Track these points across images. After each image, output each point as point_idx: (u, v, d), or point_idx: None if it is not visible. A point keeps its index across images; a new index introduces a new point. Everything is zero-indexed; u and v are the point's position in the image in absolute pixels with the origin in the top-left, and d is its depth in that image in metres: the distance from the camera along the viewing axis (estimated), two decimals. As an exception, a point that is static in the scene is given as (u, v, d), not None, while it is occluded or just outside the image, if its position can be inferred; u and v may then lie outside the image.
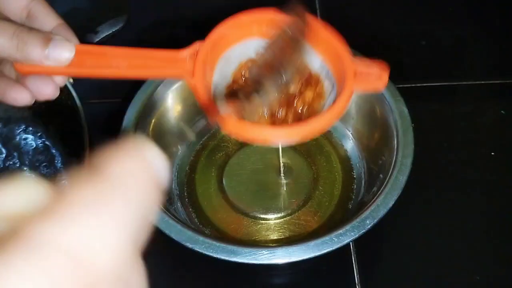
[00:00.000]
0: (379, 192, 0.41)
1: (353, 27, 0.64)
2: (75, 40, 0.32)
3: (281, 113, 0.34)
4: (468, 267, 0.44)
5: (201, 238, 0.38)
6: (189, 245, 0.37)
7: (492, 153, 0.51)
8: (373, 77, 0.33)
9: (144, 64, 0.33)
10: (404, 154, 0.42)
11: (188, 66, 0.33)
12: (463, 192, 0.49)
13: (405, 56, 0.60)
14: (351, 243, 0.45)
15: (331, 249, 0.37)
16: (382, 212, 0.39)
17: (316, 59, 0.35)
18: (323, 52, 0.35)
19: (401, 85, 0.54)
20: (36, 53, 0.29)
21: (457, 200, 0.48)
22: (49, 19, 0.32)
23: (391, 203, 0.40)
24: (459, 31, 0.62)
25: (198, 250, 0.37)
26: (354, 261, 0.45)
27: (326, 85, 0.35)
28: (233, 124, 0.31)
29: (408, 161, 0.42)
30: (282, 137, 0.33)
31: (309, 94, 0.35)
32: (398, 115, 0.45)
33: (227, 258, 0.37)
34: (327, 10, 0.65)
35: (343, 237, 0.38)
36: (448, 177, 0.50)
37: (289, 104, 0.35)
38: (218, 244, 0.37)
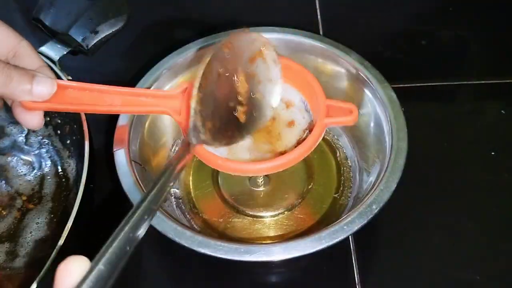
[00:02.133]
0: (379, 178, 0.41)
1: (353, 27, 0.64)
2: (54, 78, 0.35)
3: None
4: (468, 267, 0.44)
5: (198, 237, 0.38)
6: (186, 244, 0.37)
7: (492, 153, 0.51)
8: (344, 111, 0.36)
9: (136, 101, 0.36)
10: (399, 137, 0.43)
11: (175, 105, 0.37)
12: (463, 192, 0.49)
13: (405, 56, 0.60)
14: (351, 241, 0.46)
15: (342, 237, 0.37)
16: (386, 196, 0.39)
17: (296, 95, 0.39)
18: (301, 89, 0.39)
19: (400, 85, 0.54)
20: (21, 88, 0.32)
21: (457, 200, 0.48)
22: (33, 60, 0.35)
23: (393, 186, 0.40)
24: (459, 31, 0.62)
25: (195, 249, 0.37)
26: (354, 260, 0.45)
27: (302, 116, 0.39)
28: (204, 156, 0.35)
29: (404, 144, 0.42)
30: (253, 170, 0.36)
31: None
32: (387, 100, 0.45)
33: (224, 257, 0.37)
34: (327, 10, 0.65)
35: (352, 224, 0.38)
36: (448, 177, 0.50)
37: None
38: (215, 242, 0.37)
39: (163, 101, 0.37)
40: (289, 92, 0.40)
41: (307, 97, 0.39)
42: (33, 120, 0.34)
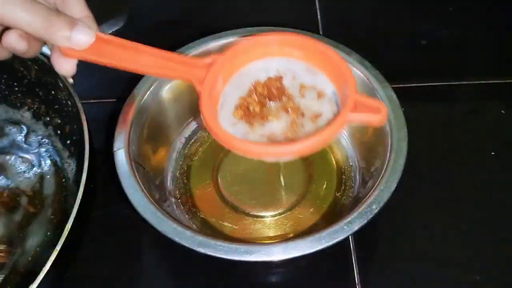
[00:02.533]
0: (379, 178, 0.41)
1: (353, 27, 0.64)
2: (97, 29, 0.36)
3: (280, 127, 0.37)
4: (468, 267, 0.44)
5: (198, 237, 0.38)
6: (186, 244, 0.37)
7: (492, 153, 0.51)
8: (373, 109, 0.34)
9: (166, 65, 0.36)
10: (399, 137, 0.43)
11: (200, 74, 0.36)
12: (463, 192, 0.49)
13: (405, 56, 0.60)
14: (351, 241, 0.46)
15: (342, 237, 0.37)
16: (386, 196, 0.39)
17: (329, 86, 0.38)
18: (334, 80, 0.38)
19: (401, 85, 0.54)
20: (61, 34, 0.33)
21: (457, 200, 0.48)
22: (80, 9, 0.36)
23: (393, 186, 0.40)
24: (459, 31, 0.62)
25: (195, 249, 0.37)
26: (354, 260, 0.45)
27: (331, 109, 0.37)
28: (221, 136, 0.34)
29: (404, 144, 0.42)
30: (267, 154, 0.35)
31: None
32: (387, 100, 0.45)
33: (224, 257, 0.37)
34: (327, 10, 0.65)
35: (352, 224, 0.38)
36: (448, 177, 0.50)
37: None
38: (215, 242, 0.37)
39: (190, 69, 0.37)
40: (323, 82, 0.38)
41: (338, 89, 0.37)
42: (67, 66, 0.35)
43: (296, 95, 0.38)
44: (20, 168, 0.50)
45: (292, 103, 0.37)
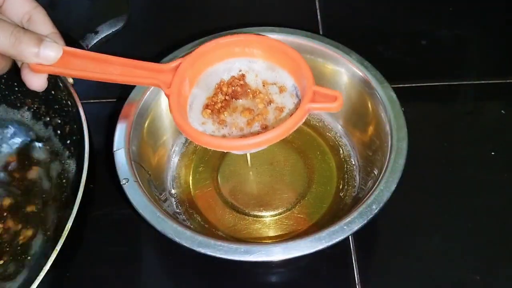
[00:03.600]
0: (379, 178, 0.41)
1: (353, 27, 0.64)
2: (63, 44, 0.37)
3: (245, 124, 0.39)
4: (468, 267, 0.44)
5: (198, 237, 0.38)
6: (186, 244, 0.37)
7: (492, 153, 0.51)
8: (330, 98, 0.36)
9: (133, 73, 0.38)
10: (399, 137, 0.43)
11: (167, 78, 0.39)
12: (463, 192, 0.49)
13: (405, 56, 0.60)
14: (351, 241, 0.46)
15: (342, 237, 0.37)
16: (386, 196, 0.39)
17: (289, 80, 0.40)
18: (293, 74, 0.40)
19: (401, 85, 0.54)
20: (29, 51, 0.34)
21: (457, 200, 0.48)
22: (46, 27, 0.37)
23: (393, 186, 0.40)
24: (459, 31, 0.62)
25: (195, 249, 0.37)
26: (354, 260, 0.45)
27: (292, 101, 0.40)
28: (191, 133, 0.37)
29: (404, 144, 0.42)
30: (236, 146, 0.37)
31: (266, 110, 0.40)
32: (387, 100, 0.45)
33: (224, 257, 0.37)
34: (327, 10, 0.65)
35: (352, 224, 0.38)
36: (448, 177, 0.50)
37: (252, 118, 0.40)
38: (215, 242, 0.37)
39: (156, 74, 0.39)
40: (283, 77, 0.41)
41: (298, 82, 0.40)
42: (38, 82, 0.37)
43: (259, 90, 0.40)
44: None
45: (256, 98, 0.40)
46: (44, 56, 0.35)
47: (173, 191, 0.49)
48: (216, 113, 0.39)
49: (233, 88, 0.40)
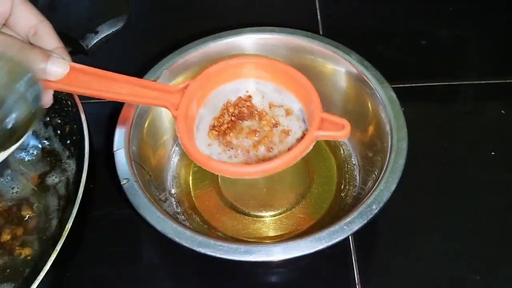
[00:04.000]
0: (379, 178, 0.41)
1: (353, 27, 0.64)
2: (70, 60, 0.37)
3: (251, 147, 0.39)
4: (468, 267, 0.44)
5: (198, 237, 0.38)
6: (186, 244, 0.38)
7: (492, 153, 0.51)
8: (337, 126, 0.36)
9: (140, 93, 0.38)
10: (399, 137, 0.43)
11: (175, 99, 0.38)
12: (463, 192, 0.49)
13: (405, 56, 0.60)
14: (351, 241, 0.46)
15: (342, 237, 0.37)
16: (386, 196, 0.39)
17: (297, 104, 0.40)
18: (300, 98, 0.40)
19: (401, 85, 0.54)
20: (36, 66, 0.34)
21: (457, 200, 0.48)
22: (52, 41, 0.37)
23: (393, 186, 0.40)
24: (459, 31, 0.62)
25: (195, 249, 0.37)
26: (354, 260, 0.45)
27: (299, 125, 0.40)
28: (198, 157, 0.36)
29: (404, 144, 0.42)
30: (242, 173, 0.37)
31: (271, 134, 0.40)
32: (387, 100, 0.45)
33: (224, 257, 0.37)
34: (327, 10, 0.65)
35: (352, 224, 0.38)
36: (448, 177, 0.50)
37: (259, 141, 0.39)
38: (215, 242, 0.37)
39: (164, 95, 0.38)
40: (290, 100, 0.40)
41: (305, 107, 0.40)
42: (44, 98, 0.36)
43: (266, 112, 0.40)
44: (21, 168, 0.50)
45: (263, 120, 0.40)
46: (51, 72, 0.35)
47: (173, 191, 0.49)
48: (222, 135, 0.39)
49: (239, 109, 0.40)
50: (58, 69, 0.35)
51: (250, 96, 0.41)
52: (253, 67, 0.40)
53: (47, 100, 0.36)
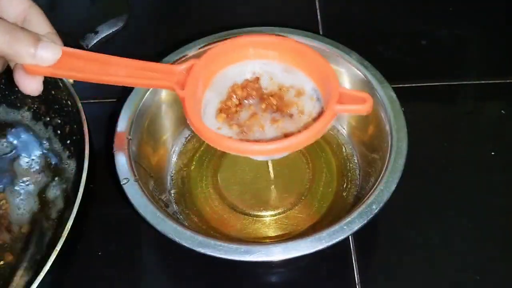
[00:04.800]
0: (379, 178, 0.41)
1: (353, 27, 0.64)
2: (61, 45, 0.34)
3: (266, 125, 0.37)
4: (468, 267, 0.44)
5: (198, 237, 0.38)
6: (186, 244, 0.37)
7: (492, 153, 0.51)
8: (358, 101, 0.34)
9: (141, 74, 0.35)
10: (399, 137, 0.43)
11: (180, 79, 0.36)
12: (463, 192, 0.49)
13: (405, 56, 0.60)
14: (351, 241, 0.46)
15: (342, 237, 0.37)
16: (386, 196, 0.39)
17: (308, 83, 0.38)
18: (313, 76, 0.38)
19: (401, 85, 0.54)
20: (25, 50, 0.32)
21: (457, 200, 0.48)
22: (42, 26, 0.35)
23: (393, 186, 0.40)
24: (459, 31, 0.62)
25: (195, 249, 0.37)
26: (354, 260, 0.45)
27: (313, 105, 0.38)
28: (211, 136, 0.35)
29: (404, 144, 0.42)
30: (259, 151, 0.35)
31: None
32: (387, 100, 0.45)
33: (224, 257, 0.37)
34: (327, 10, 0.65)
35: (352, 224, 0.38)
36: (448, 177, 0.50)
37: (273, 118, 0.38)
38: (215, 242, 0.37)
39: (167, 75, 0.36)
40: (301, 80, 0.38)
41: (319, 85, 0.38)
42: (32, 85, 0.34)
43: (275, 94, 0.38)
44: (22, 168, 0.51)
45: (272, 103, 0.38)
46: (41, 57, 0.32)
47: (172, 191, 0.49)
48: (231, 118, 0.37)
49: (247, 91, 0.38)
50: (48, 54, 0.32)
51: (257, 78, 0.39)
52: (259, 46, 0.39)
53: (36, 87, 0.34)
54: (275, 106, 0.38)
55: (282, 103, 0.38)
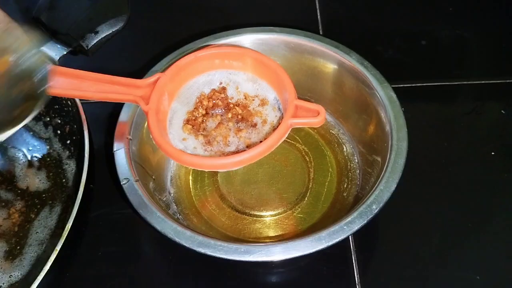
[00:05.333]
0: (379, 178, 0.41)
1: (353, 27, 0.64)
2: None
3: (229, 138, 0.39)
4: (468, 267, 0.44)
5: (198, 237, 0.38)
6: (186, 244, 0.38)
7: (492, 153, 0.51)
8: (312, 112, 0.36)
9: (109, 89, 0.37)
10: (399, 137, 0.43)
11: (145, 93, 0.37)
12: (463, 192, 0.49)
13: (405, 56, 0.60)
14: (351, 241, 0.46)
15: (342, 237, 0.37)
16: (386, 196, 0.39)
17: (271, 93, 0.40)
18: (275, 87, 0.40)
19: (401, 85, 0.54)
20: None
21: (457, 200, 0.48)
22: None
23: (393, 186, 0.40)
24: (459, 31, 0.62)
25: (195, 249, 0.37)
26: (354, 260, 0.45)
27: (275, 114, 0.39)
28: (171, 152, 0.36)
29: (404, 144, 0.42)
30: (217, 166, 0.36)
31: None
32: (387, 100, 0.45)
33: (224, 257, 0.37)
34: (327, 10, 0.65)
35: (352, 224, 0.38)
36: (448, 177, 0.50)
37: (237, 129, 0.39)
38: (215, 242, 0.37)
39: (133, 89, 0.37)
40: (265, 90, 0.40)
41: (279, 95, 0.39)
42: None
43: (241, 104, 0.39)
44: (21, 169, 0.51)
45: (237, 112, 0.39)
46: None
47: (172, 191, 0.49)
48: (197, 128, 0.38)
49: (213, 101, 0.39)
50: None
51: (224, 88, 0.40)
52: (224, 58, 0.40)
53: None
54: (240, 116, 0.39)
55: (247, 112, 0.39)
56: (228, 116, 0.39)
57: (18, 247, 0.45)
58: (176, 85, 0.39)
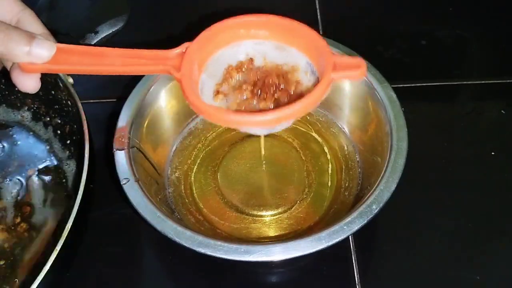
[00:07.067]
0: (379, 178, 0.41)
1: (353, 27, 0.64)
2: (55, 42, 0.35)
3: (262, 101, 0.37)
4: (468, 267, 0.44)
5: (198, 237, 0.38)
6: (186, 244, 0.37)
7: (492, 153, 0.51)
8: (352, 67, 0.35)
9: (136, 62, 0.36)
10: (399, 137, 0.43)
11: (175, 63, 0.36)
12: (463, 192, 0.49)
13: (405, 56, 0.60)
14: (351, 241, 0.46)
15: (342, 237, 0.37)
16: (386, 196, 0.39)
17: (302, 58, 0.38)
18: (305, 50, 0.38)
19: (401, 85, 0.54)
20: (20, 49, 0.32)
21: (457, 200, 0.48)
22: (35, 27, 0.35)
23: (393, 186, 0.40)
24: (459, 31, 0.62)
25: (195, 249, 0.37)
26: (354, 260, 0.45)
27: (308, 79, 0.38)
28: (212, 112, 0.34)
29: (404, 144, 0.42)
30: (259, 122, 0.34)
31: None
32: (387, 100, 0.45)
33: (224, 257, 0.37)
34: (327, 10, 0.65)
35: (352, 224, 0.38)
36: (448, 177, 0.50)
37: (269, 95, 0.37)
38: (215, 242, 0.37)
39: (162, 61, 0.36)
40: (294, 56, 0.39)
41: (312, 58, 0.38)
42: (30, 83, 0.34)
43: (271, 72, 0.38)
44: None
45: (268, 81, 0.37)
46: (36, 54, 0.33)
47: (172, 191, 0.49)
48: (229, 99, 0.37)
49: (242, 73, 0.38)
50: (43, 51, 0.33)
51: (251, 59, 0.39)
52: (249, 26, 0.39)
53: (33, 85, 0.34)
54: (272, 82, 0.37)
55: (279, 79, 0.38)
56: (258, 86, 0.38)
57: (18, 247, 0.45)
58: (204, 56, 0.38)
